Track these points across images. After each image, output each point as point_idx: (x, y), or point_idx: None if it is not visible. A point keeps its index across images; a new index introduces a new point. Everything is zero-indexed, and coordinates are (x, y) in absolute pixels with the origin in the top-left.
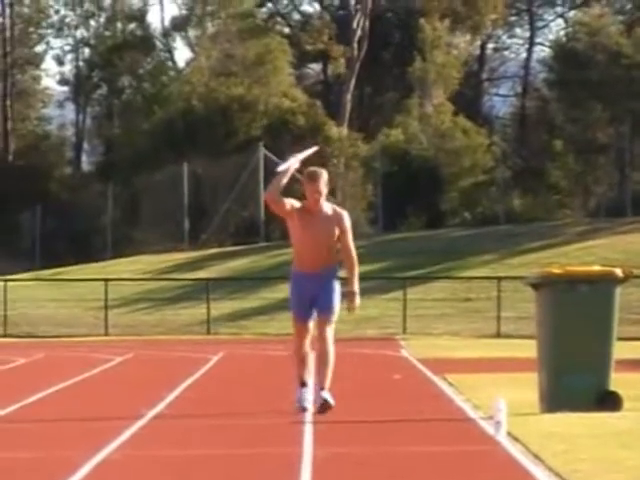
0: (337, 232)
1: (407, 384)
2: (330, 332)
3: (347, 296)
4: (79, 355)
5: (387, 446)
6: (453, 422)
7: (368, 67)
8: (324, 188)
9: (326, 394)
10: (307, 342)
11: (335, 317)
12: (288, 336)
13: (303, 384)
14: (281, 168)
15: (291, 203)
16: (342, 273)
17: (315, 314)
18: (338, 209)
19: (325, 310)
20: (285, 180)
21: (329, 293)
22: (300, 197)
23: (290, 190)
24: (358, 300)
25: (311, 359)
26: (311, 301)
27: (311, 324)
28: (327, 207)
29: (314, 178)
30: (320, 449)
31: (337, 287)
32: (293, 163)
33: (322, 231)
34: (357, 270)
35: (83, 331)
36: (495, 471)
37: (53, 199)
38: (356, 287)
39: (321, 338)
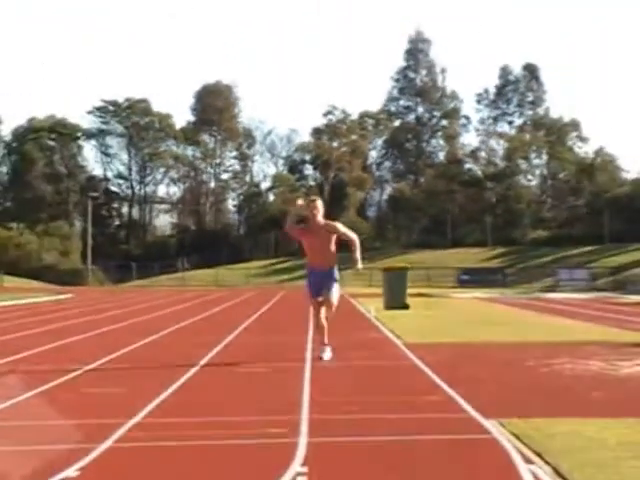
0: (334, 237)
1: (341, 302)
2: (332, 310)
3: (353, 261)
4: (234, 294)
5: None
6: (356, 313)
7: (329, 206)
8: (321, 209)
9: (326, 351)
10: (322, 315)
11: (336, 298)
12: None
13: (323, 344)
14: (299, 202)
15: (300, 227)
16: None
17: (323, 295)
18: (330, 222)
19: (330, 294)
20: (294, 219)
21: (331, 283)
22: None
23: None
24: (360, 264)
25: (324, 326)
26: (319, 286)
27: (320, 299)
28: (322, 222)
29: (313, 202)
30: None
31: (336, 280)
32: (300, 202)
33: (322, 239)
34: (358, 243)
35: (240, 285)
36: (365, 325)
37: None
38: (358, 255)
39: (325, 314)
